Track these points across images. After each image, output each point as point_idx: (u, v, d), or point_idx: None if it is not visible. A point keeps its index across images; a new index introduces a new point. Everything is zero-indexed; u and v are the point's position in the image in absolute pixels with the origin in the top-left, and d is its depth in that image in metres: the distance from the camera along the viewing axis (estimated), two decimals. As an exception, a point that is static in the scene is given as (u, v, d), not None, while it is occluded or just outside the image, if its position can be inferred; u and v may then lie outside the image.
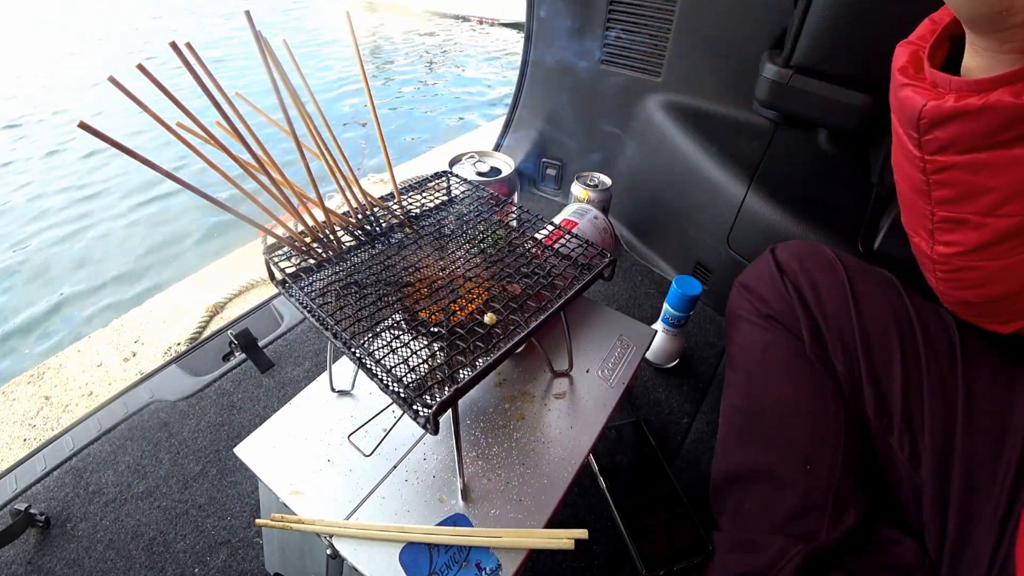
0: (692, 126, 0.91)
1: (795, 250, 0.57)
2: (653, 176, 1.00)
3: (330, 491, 0.42)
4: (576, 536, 0.37)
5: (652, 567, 0.53)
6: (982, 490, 0.42)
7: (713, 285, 0.91)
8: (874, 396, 0.49)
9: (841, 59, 0.58)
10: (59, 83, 3.99)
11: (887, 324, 0.49)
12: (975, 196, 0.33)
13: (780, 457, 0.51)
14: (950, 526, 0.43)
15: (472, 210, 0.55)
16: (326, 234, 0.44)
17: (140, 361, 1.13)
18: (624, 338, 0.58)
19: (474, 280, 0.45)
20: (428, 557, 0.38)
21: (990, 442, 0.43)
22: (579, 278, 0.45)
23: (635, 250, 1.06)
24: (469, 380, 0.35)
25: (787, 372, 0.55)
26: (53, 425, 0.98)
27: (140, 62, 0.30)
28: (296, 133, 0.39)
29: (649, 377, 0.79)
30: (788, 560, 0.44)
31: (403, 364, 0.37)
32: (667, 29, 0.89)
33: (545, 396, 0.51)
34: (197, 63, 0.32)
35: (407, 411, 0.34)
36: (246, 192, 0.38)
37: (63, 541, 0.58)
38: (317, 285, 0.43)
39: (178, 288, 1.36)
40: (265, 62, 0.35)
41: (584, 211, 0.80)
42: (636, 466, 0.63)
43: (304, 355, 0.80)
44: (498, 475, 0.43)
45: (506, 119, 1.23)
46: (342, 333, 0.38)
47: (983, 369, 0.46)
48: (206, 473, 0.64)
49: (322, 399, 0.50)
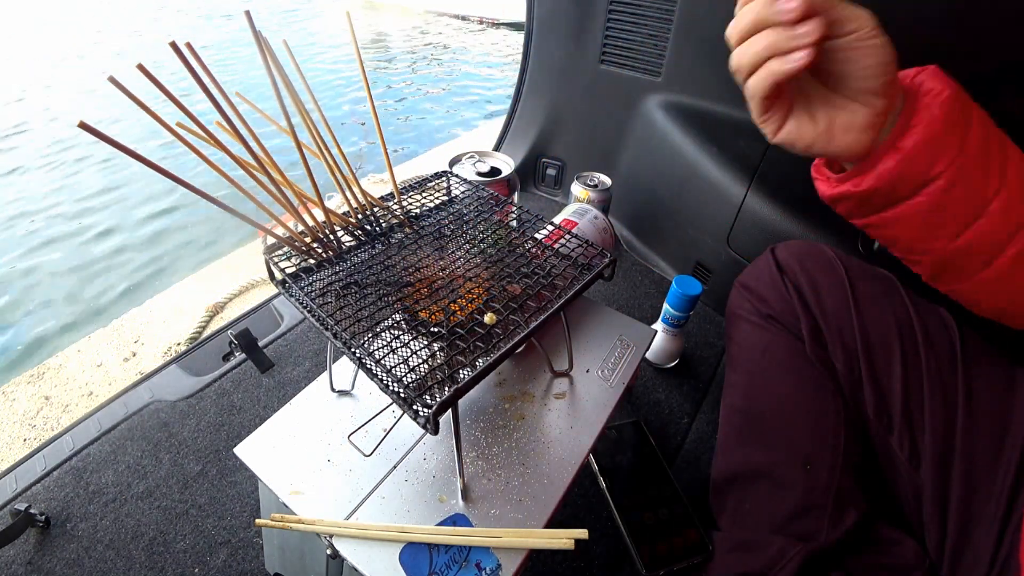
0: (692, 126, 0.91)
1: (795, 250, 0.57)
2: (653, 176, 1.00)
3: (330, 491, 0.42)
4: (576, 536, 0.37)
5: (652, 567, 0.53)
6: (982, 490, 0.42)
7: (713, 285, 0.91)
8: (874, 396, 0.49)
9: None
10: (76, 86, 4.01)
11: (887, 324, 0.49)
12: (892, 243, 0.39)
13: (780, 457, 0.51)
14: (950, 526, 0.43)
15: (472, 210, 0.55)
16: (326, 234, 0.44)
17: (140, 361, 1.13)
18: (624, 338, 0.58)
19: (474, 280, 0.45)
20: (428, 557, 0.38)
21: (990, 442, 0.43)
22: (579, 278, 0.45)
23: (635, 250, 1.06)
24: (469, 380, 0.35)
25: (787, 372, 0.55)
26: (53, 425, 0.98)
27: (141, 63, 0.30)
28: (296, 134, 0.39)
29: (649, 377, 0.79)
30: (788, 560, 0.44)
31: (403, 364, 0.37)
32: (667, 29, 0.89)
33: (545, 396, 0.51)
34: (197, 63, 0.32)
35: (407, 411, 0.34)
36: (246, 192, 0.38)
37: (63, 541, 0.58)
38: (317, 285, 0.43)
39: (178, 288, 1.36)
40: (265, 62, 0.35)
41: (584, 211, 0.80)
42: (636, 466, 0.63)
43: (304, 355, 0.80)
44: (498, 475, 0.43)
45: (506, 119, 1.23)
46: (342, 333, 0.38)
47: (983, 369, 0.46)
48: (206, 473, 0.64)
49: (322, 399, 0.50)
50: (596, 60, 1.01)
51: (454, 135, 3.08)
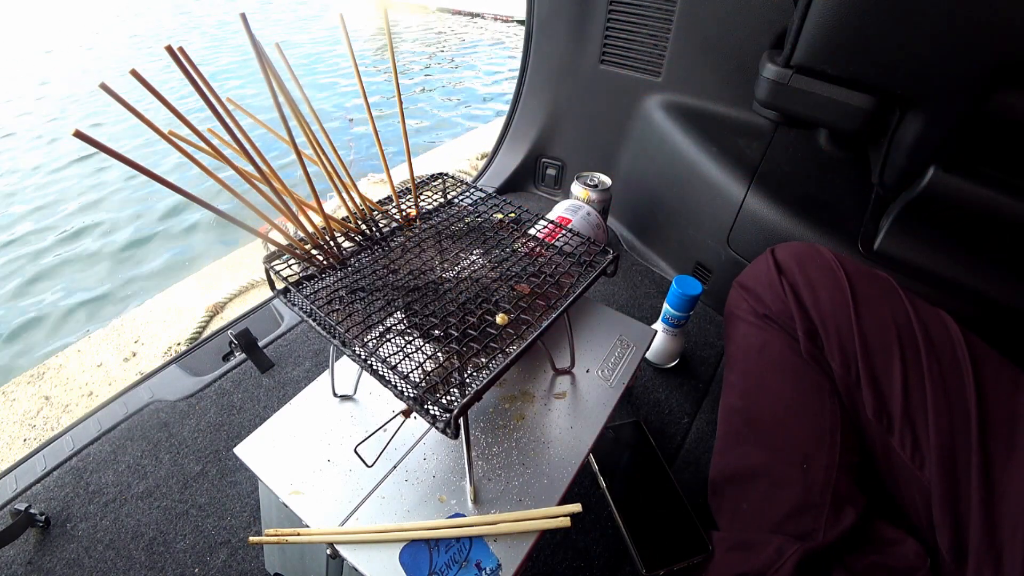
0: (692, 126, 0.91)
1: (795, 251, 0.57)
2: (653, 176, 1.00)
3: (330, 491, 0.42)
4: (570, 511, 0.38)
5: (652, 567, 0.53)
6: (998, 490, 0.42)
7: (713, 285, 0.91)
8: (873, 396, 0.49)
9: (841, 59, 0.58)
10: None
11: (886, 325, 0.49)
12: None
13: (777, 456, 0.52)
14: (972, 526, 0.42)
15: (473, 210, 0.55)
16: (326, 240, 0.44)
17: (140, 361, 1.13)
18: (624, 338, 0.58)
19: (480, 282, 0.45)
20: (428, 557, 0.38)
21: (1004, 442, 0.43)
22: (585, 275, 0.45)
23: (635, 250, 1.06)
24: (488, 381, 0.34)
25: (784, 372, 0.55)
26: (53, 425, 0.98)
27: (134, 68, 0.30)
28: (295, 140, 0.39)
29: (649, 377, 0.79)
30: (786, 559, 0.44)
31: (418, 369, 0.36)
32: (667, 29, 0.89)
33: (545, 396, 0.51)
34: (192, 69, 0.31)
35: (424, 416, 0.33)
36: (244, 200, 0.38)
37: (63, 541, 0.58)
38: (320, 292, 0.42)
39: (178, 288, 1.36)
40: (262, 65, 0.35)
41: (577, 207, 0.80)
42: (636, 466, 0.63)
43: (304, 355, 0.80)
44: (498, 475, 0.43)
45: (506, 119, 1.23)
46: (351, 340, 0.37)
47: (990, 368, 0.46)
48: (206, 473, 0.64)
49: (322, 399, 0.50)
50: (596, 60, 1.01)
51: (455, 135, 3.08)
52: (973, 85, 0.52)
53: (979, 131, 0.56)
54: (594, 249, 0.49)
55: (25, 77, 4.54)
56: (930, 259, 0.66)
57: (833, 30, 0.56)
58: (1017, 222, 0.56)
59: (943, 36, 0.51)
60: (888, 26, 0.53)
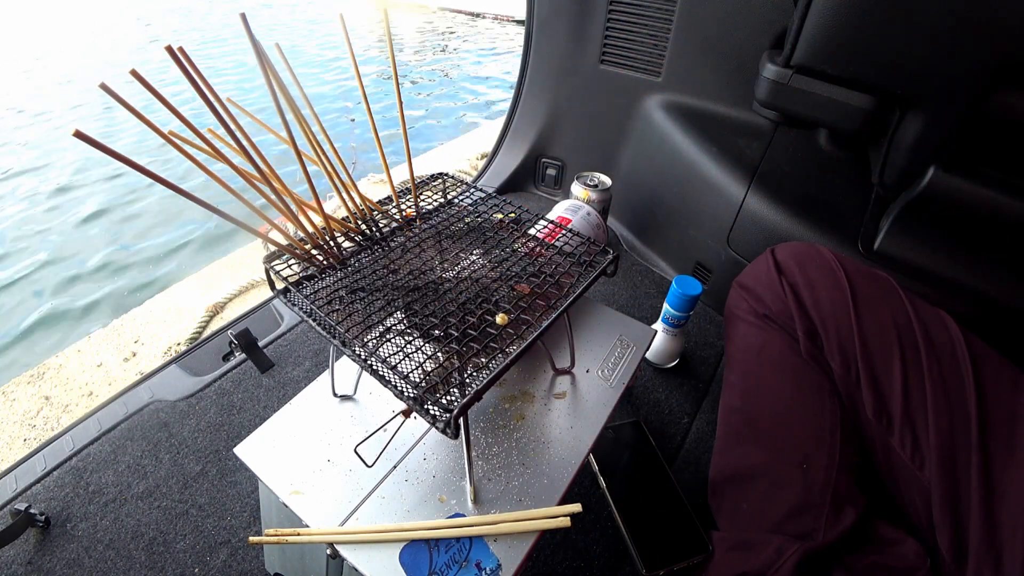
0: (692, 126, 0.91)
1: (795, 251, 0.57)
2: (653, 176, 1.00)
3: (330, 491, 0.42)
4: (570, 511, 0.38)
5: (652, 567, 0.53)
6: (998, 490, 0.42)
7: (713, 285, 0.91)
8: (873, 396, 0.49)
9: (841, 59, 0.58)
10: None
11: (886, 325, 0.49)
12: None
13: (777, 456, 0.52)
14: (972, 527, 0.42)
15: (473, 210, 0.55)
16: (326, 240, 0.44)
17: (140, 361, 1.13)
18: (624, 338, 0.58)
19: (480, 282, 0.45)
20: (428, 557, 0.38)
21: (1005, 442, 0.43)
22: (585, 275, 0.45)
23: (635, 250, 1.06)
24: (488, 381, 0.34)
25: (783, 372, 0.55)
26: (53, 425, 0.98)
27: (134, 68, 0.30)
28: (295, 140, 0.39)
29: (649, 377, 0.79)
30: (786, 559, 0.44)
31: (418, 369, 0.36)
32: (667, 29, 0.89)
33: (545, 396, 0.51)
34: (193, 69, 0.31)
35: (424, 416, 0.33)
36: (245, 200, 0.38)
37: (63, 541, 0.58)
38: (320, 292, 0.42)
39: (178, 288, 1.36)
40: (262, 65, 0.35)
41: (577, 207, 0.80)
42: (636, 466, 0.63)
43: (304, 355, 0.80)
44: (498, 475, 0.43)
45: (506, 119, 1.23)
46: (351, 340, 0.37)
47: (990, 368, 0.46)
48: (206, 473, 0.64)
49: (322, 399, 0.50)
50: (596, 60, 1.01)
51: (455, 135, 3.08)
52: (973, 85, 0.52)
53: (979, 131, 0.56)
54: (594, 249, 0.49)
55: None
56: (930, 259, 0.66)
57: (833, 30, 0.56)
58: (1017, 222, 0.56)
59: (943, 36, 0.51)
60: (888, 26, 0.53)
